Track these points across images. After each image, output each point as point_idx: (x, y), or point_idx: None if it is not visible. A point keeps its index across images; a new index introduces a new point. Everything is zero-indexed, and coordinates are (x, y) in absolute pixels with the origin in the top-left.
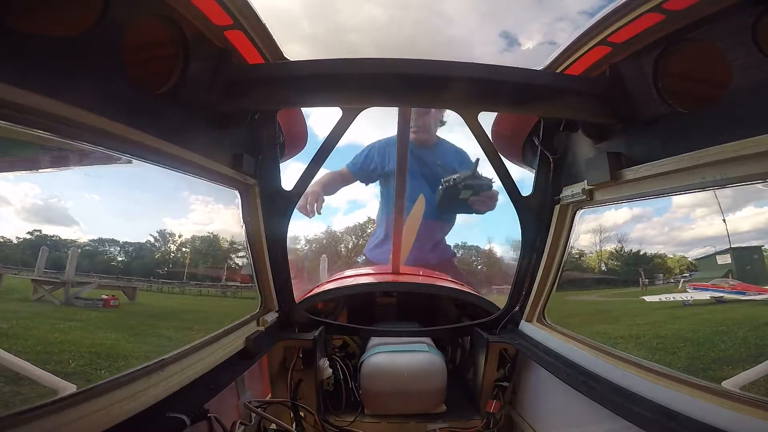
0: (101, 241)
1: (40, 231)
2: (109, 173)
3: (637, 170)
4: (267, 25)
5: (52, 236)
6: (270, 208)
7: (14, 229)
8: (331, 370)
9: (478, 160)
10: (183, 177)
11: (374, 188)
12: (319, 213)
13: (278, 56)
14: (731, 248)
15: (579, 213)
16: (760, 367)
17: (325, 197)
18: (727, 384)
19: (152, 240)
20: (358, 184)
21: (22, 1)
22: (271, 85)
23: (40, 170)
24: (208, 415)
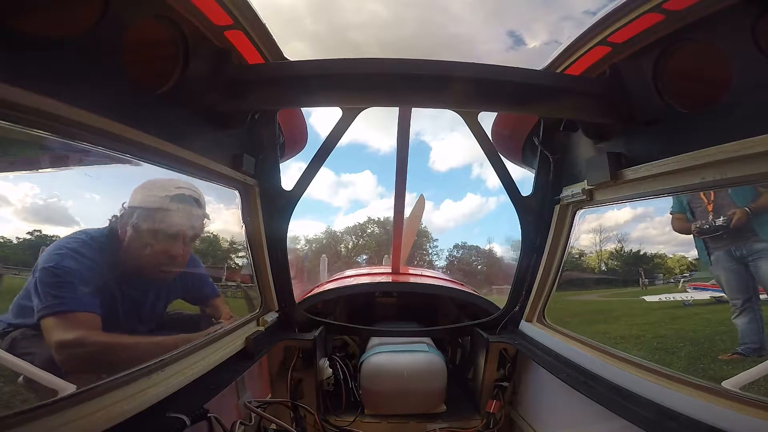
0: None
1: (40, 231)
2: (109, 173)
3: (637, 170)
4: (267, 25)
5: (52, 236)
6: (270, 208)
7: (14, 229)
8: (331, 370)
9: None
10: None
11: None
12: None
13: (278, 56)
14: None
15: (579, 213)
16: (760, 367)
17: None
18: (727, 384)
19: None
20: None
21: (22, 1)
22: (271, 85)
23: (40, 170)
24: (208, 415)
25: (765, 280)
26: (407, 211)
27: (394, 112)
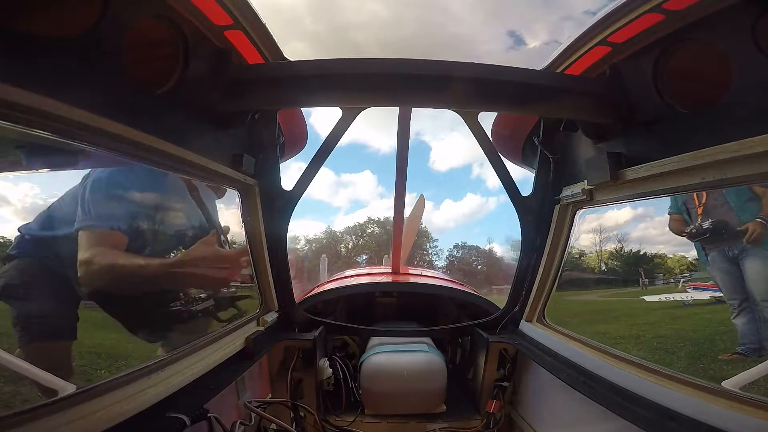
0: None
1: None
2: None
3: (637, 170)
4: (267, 25)
5: None
6: (270, 208)
7: (14, 229)
8: (331, 370)
9: None
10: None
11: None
12: None
13: (278, 56)
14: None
15: (579, 213)
16: (760, 367)
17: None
18: (727, 384)
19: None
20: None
21: (22, 1)
22: (271, 85)
23: (40, 170)
24: (208, 415)
25: (751, 278)
26: (407, 211)
27: (394, 112)
